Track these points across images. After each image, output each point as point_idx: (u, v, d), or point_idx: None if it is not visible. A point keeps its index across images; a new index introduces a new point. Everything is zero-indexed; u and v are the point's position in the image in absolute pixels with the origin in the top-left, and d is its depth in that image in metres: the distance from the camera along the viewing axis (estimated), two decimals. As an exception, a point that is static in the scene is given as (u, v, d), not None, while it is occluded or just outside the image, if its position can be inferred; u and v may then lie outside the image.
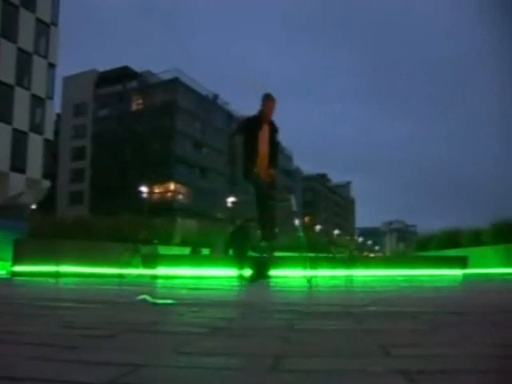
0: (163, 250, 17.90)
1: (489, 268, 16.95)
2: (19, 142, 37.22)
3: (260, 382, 1.09)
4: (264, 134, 8.11)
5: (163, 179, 64.09)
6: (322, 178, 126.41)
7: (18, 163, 37.14)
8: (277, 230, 8.48)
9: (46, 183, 40.20)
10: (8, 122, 36.68)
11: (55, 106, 46.31)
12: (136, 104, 70.10)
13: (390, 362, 1.32)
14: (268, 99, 8.14)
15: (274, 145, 8.23)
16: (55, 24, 42.34)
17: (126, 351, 1.49)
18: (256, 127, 8.10)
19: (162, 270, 14.64)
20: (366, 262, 17.34)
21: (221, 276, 13.53)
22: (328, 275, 13.65)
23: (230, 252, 14.15)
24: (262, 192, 7.85)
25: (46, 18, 41.01)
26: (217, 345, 1.63)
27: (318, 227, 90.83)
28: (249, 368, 1.24)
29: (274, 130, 8.25)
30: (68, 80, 68.91)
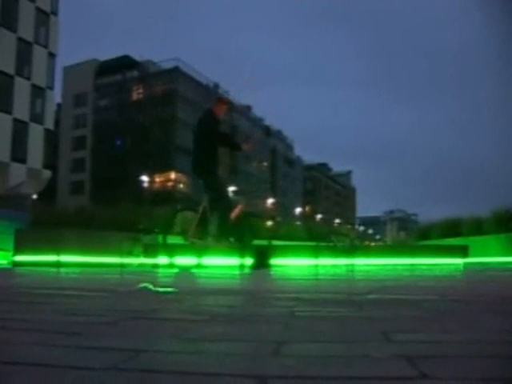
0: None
1: (490, 257, 16.95)
2: (20, 132, 37.12)
3: (262, 367, 1.09)
4: None
5: (164, 168, 64.04)
6: (323, 167, 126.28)
7: (19, 153, 37.06)
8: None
9: (47, 173, 40.12)
10: (8, 111, 36.57)
11: (55, 96, 46.23)
12: (136, 93, 69.94)
13: (392, 348, 1.32)
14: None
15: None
16: (55, 13, 42.09)
17: (128, 337, 1.50)
18: None
19: (163, 260, 14.66)
20: (367, 251, 17.36)
21: (222, 265, 13.55)
22: (329, 264, 13.68)
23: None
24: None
25: (46, 8, 40.75)
26: (218, 331, 1.63)
27: (318, 216, 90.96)
28: (250, 353, 1.25)
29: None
30: (68, 70, 68.70)
